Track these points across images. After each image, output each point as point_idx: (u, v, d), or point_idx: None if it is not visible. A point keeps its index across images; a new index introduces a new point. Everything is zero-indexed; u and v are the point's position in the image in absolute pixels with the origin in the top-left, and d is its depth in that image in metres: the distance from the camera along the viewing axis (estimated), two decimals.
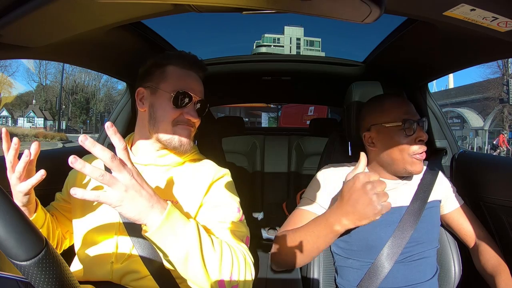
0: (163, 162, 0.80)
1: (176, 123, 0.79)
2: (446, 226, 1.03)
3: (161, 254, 0.59)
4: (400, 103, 0.94)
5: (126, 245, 0.73)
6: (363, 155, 0.78)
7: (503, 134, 17.45)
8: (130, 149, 0.84)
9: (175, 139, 0.78)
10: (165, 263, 0.63)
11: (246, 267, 0.66)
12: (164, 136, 0.78)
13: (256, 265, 0.97)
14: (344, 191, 0.74)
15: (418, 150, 0.89)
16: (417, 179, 0.98)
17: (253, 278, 0.68)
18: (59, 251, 0.77)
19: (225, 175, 0.83)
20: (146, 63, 0.85)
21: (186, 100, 0.78)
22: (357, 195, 0.71)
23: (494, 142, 17.12)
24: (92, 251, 0.75)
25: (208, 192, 0.77)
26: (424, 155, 0.91)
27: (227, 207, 0.75)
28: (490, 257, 0.93)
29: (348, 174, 0.77)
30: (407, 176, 0.97)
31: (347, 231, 0.86)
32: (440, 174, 1.01)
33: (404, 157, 0.90)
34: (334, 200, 0.91)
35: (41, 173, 0.68)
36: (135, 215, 0.53)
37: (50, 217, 0.80)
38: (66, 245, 0.88)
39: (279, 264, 0.89)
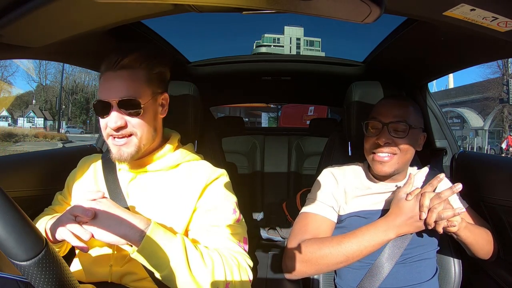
0: (153, 168, 0.77)
1: (108, 135, 0.73)
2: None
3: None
4: (381, 103, 0.95)
5: (125, 247, 0.73)
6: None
7: (511, 135, 16.38)
8: None
9: (114, 151, 0.73)
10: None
11: (242, 272, 0.66)
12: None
13: (256, 265, 0.97)
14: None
15: (376, 150, 0.90)
16: (419, 182, 0.97)
17: (251, 279, 0.69)
18: (64, 253, 0.78)
19: (220, 176, 0.78)
20: None
21: (102, 108, 0.71)
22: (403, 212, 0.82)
23: (502, 145, 15.64)
24: (91, 253, 0.75)
25: (202, 196, 0.74)
26: (388, 158, 0.88)
27: (222, 210, 0.74)
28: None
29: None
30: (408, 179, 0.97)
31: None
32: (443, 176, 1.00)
33: (369, 156, 0.94)
34: (339, 199, 0.93)
35: None
36: (113, 241, 0.62)
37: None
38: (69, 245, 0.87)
39: (302, 272, 0.86)
